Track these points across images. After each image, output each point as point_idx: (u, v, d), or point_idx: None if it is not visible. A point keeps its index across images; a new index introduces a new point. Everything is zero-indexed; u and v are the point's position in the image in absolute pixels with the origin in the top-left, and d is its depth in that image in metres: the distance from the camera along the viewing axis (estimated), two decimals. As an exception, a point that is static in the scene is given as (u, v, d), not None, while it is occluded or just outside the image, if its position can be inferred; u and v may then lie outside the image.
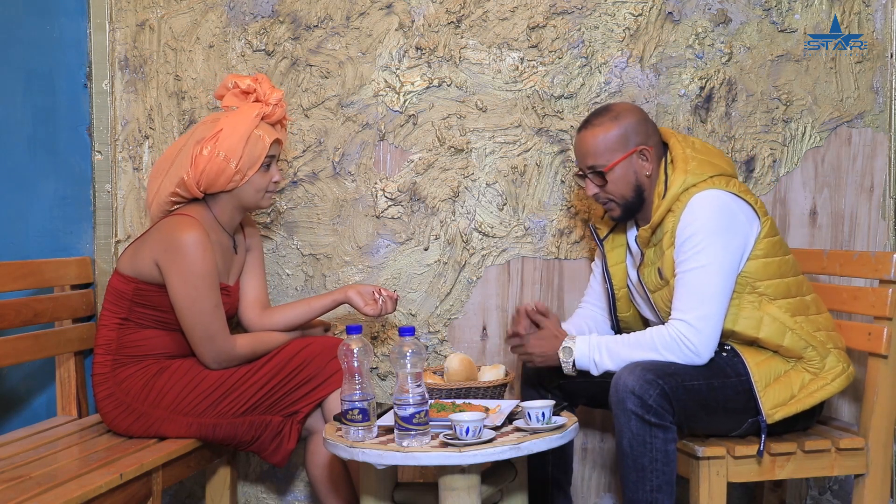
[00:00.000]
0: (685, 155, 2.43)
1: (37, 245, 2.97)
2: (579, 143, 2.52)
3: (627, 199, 2.49)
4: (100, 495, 2.12)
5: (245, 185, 2.57)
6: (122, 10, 3.00)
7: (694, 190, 2.37)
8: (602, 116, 2.49)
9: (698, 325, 2.31)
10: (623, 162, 2.46)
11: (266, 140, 2.57)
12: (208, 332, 2.49)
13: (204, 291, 2.47)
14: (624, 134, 2.46)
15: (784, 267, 2.42)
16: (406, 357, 2.13)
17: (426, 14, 2.96)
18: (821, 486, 3.00)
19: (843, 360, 2.43)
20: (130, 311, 2.55)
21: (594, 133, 2.47)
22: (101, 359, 2.56)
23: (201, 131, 2.57)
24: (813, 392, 2.38)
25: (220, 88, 2.69)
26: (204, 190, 2.56)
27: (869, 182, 2.99)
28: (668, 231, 2.39)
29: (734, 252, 2.35)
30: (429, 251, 2.99)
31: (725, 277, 2.33)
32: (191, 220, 2.50)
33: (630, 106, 2.54)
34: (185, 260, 2.46)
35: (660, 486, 2.26)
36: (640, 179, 2.47)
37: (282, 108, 2.63)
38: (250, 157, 2.55)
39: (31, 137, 3.00)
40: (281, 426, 2.56)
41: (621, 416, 2.26)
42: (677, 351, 2.33)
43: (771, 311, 2.37)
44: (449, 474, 2.13)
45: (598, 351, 2.40)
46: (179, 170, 2.55)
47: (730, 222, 2.35)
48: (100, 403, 2.57)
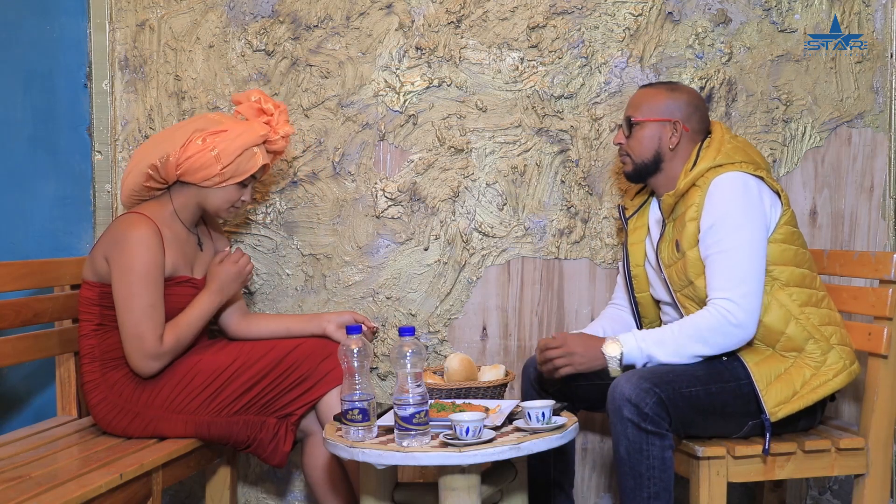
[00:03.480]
0: (722, 139, 2.50)
1: (37, 245, 2.97)
2: (634, 95, 2.62)
3: (643, 161, 2.55)
4: (100, 495, 2.12)
5: (219, 189, 2.59)
6: (122, 10, 3.00)
7: (720, 170, 2.42)
8: (664, 85, 2.60)
9: (742, 301, 2.32)
10: (654, 124, 2.53)
11: (259, 160, 2.61)
12: (137, 330, 2.47)
13: (138, 289, 2.46)
14: (670, 105, 2.53)
15: (800, 257, 2.44)
16: (406, 357, 2.13)
17: (426, 14, 2.96)
18: (821, 486, 3.00)
19: (845, 356, 2.42)
20: (102, 316, 2.55)
21: (648, 91, 2.59)
22: (89, 367, 2.57)
23: (204, 123, 2.60)
24: (815, 388, 2.37)
25: (242, 95, 2.73)
26: (180, 175, 2.57)
27: (869, 182, 2.99)
28: (692, 205, 2.42)
29: (762, 231, 2.39)
30: (429, 251, 2.99)
31: (760, 255, 2.37)
32: (141, 219, 2.51)
33: (691, 90, 2.61)
34: (125, 255, 2.47)
35: (657, 493, 2.27)
36: (662, 148, 2.53)
37: (286, 142, 2.70)
38: (237, 168, 2.58)
39: (31, 137, 2.99)
40: (276, 428, 2.55)
41: (618, 423, 2.27)
42: (723, 328, 2.32)
43: (780, 297, 2.38)
44: (449, 474, 2.13)
45: (645, 341, 2.37)
46: (167, 146, 2.56)
47: (755, 201, 2.39)
48: (94, 409, 2.56)
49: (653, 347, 2.36)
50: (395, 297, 2.99)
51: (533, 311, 3.00)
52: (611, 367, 2.38)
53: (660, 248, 2.52)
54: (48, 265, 2.79)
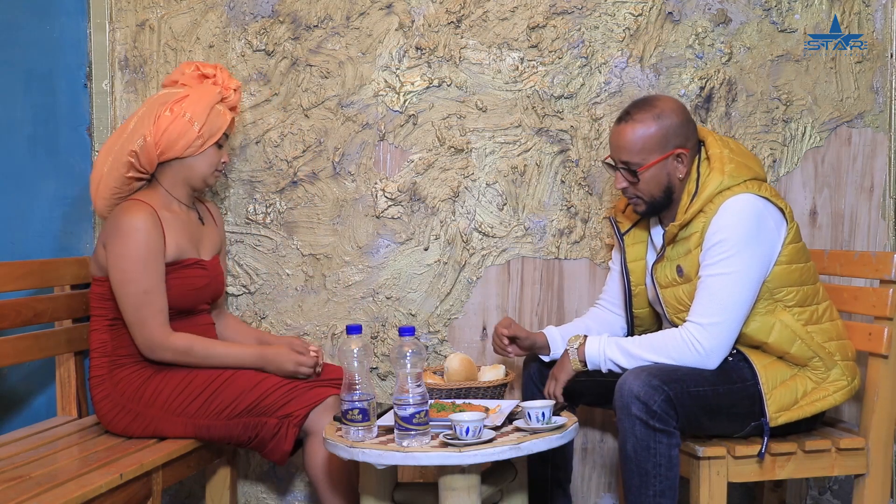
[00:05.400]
0: (722, 156, 2.38)
1: (37, 245, 2.97)
2: (617, 135, 2.42)
3: (656, 199, 2.44)
4: (100, 495, 2.12)
5: (201, 155, 2.61)
6: (122, 10, 3.00)
7: (728, 193, 2.33)
8: (645, 112, 2.39)
9: (712, 331, 2.30)
10: (658, 164, 2.39)
11: (226, 116, 2.66)
12: (138, 316, 2.48)
13: (134, 275, 2.47)
14: (664, 135, 2.38)
15: (805, 274, 2.40)
16: (406, 357, 2.13)
17: (426, 14, 2.96)
18: (821, 486, 3.00)
19: (848, 373, 2.41)
20: (116, 311, 2.56)
21: (634, 129, 2.39)
22: (98, 361, 2.57)
23: (162, 98, 2.62)
24: (814, 401, 2.37)
25: (174, 73, 2.75)
26: (161, 153, 2.58)
27: (869, 182, 2.99)
28: (696, 231, 2.37)
29: (761, 261, 2.32)
30: (429, 251, 2.99)
31: (749, 288, 2.31)
32: (139, 204, 2.53)
33: (674, 104, 2.44)
34: (120, 241, 2.48)
35: (663, 491, 2.26)
36: (672, 181, 2.42)
37: (239, 94, 2.77)
38: (212, 126, 2.61)
39: (31, 137, 2.99)
40: (277, 427, 2.55)
41: (626, 420, 2.25)
42: (686, 353, 2.32)
43: (784, 318, 2.36)
44: (449, 474, 2.13)
45: (609, 347, 2.39)
46: (138, 132, 2.57)
47: (760, 229, 2.32)
48: (97, 405, 2.57)
49: (612, 346, 2.38)
50: (395, 297, 2.99)
51: (533, 311, 3.00)
52: (572, 359, 2.43)
53: (655, 269, 2.49)
54: (48, 265, 2.79)
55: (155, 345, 2.51)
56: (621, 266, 2.61)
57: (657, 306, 2.56)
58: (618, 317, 2.70)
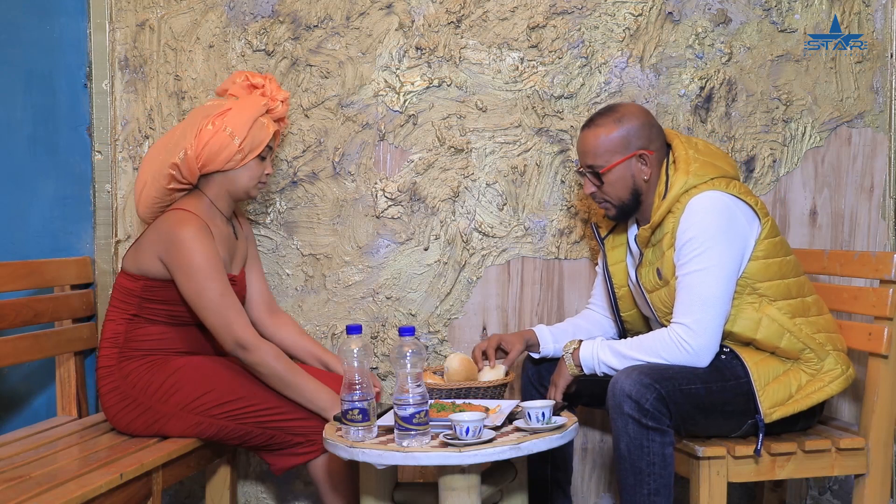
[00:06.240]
0: (687, 156, 2.42)
1: (37, 245, 2.97)
2: (581, 141, 2.52)
3: (623, 202, 2.49)
4: (100, 495, 2.12)
5: (242, 168, 2.61)
6: (122, 10, 3.00)
7: (694, 191, 2.37)
8: (606, 117, 2.48)
9: (697, 328, 2.31)
10: (621, 165, 2.45)
11: (270, 129, 2.63)
12: (223, 320, 2.49)
13: (207, 283, 2.48)
14: (625, 136, 2.45)
15: (785, 268, 2.41)
16: (406, 357, 2.13)
17: (426, 14, 2.96)
18: (821, 486, 3.00)
19: (842, 362, 2.42)
20: (140, 308, 2.56)
21: (596, 133, 2.47)
22: (107, 352, 2.56)
23: (206, 110, 2.61)
24: (810, 394, 2.38)
25: (226, 82, 2.74)
26: (202, 166, 2.57)
27: (869, 182, 2.99)
28: (668, 232, 2.39)
29: (734, 254, 2.34)
30: (429, 251, 2.99)
31: (726, 281, 2.33)
32: (187, 215, 2.53)
33: (636, 108, 2.51)
34: (184, 255, 2.48)
35: (657, 490, 2.26)
36: (638, 183, 2.47)
37: (287, 106, 2.73)
38: (253, 140, 2.59)
39: (31, 137, 3.00)
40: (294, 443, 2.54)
41: (618, 419, 2.26)
42: (676, 353, 2.33)
43: (770, 313, 2.37)
44: (449, 474, 2.13)
45: (602, 350, 2.41)
46: (180, 146, 2.57)
47: (729, 224, 2.35)
48: (103, 398, 2.56)
49: (605, 349, 2.40)
50: (395, 297, 2.99)
51: (533, 311, 3.00)
52: (568, 364, 2.45)
53: (640, 274, 2.51)
54: (48, 265, 2.79)
55: (243, 344, 2.48)
56: (604, 269, 2.65)
57: (646, 310, 2.58)
58: (607, 318, 2.73)
